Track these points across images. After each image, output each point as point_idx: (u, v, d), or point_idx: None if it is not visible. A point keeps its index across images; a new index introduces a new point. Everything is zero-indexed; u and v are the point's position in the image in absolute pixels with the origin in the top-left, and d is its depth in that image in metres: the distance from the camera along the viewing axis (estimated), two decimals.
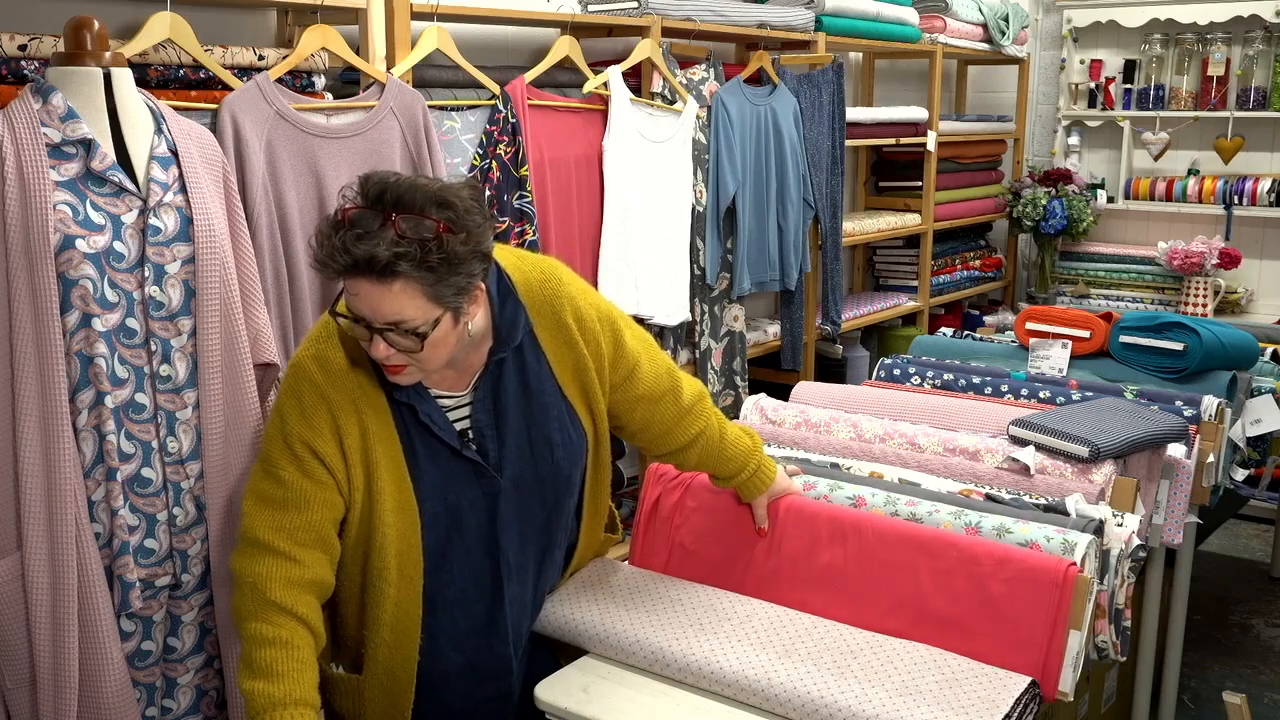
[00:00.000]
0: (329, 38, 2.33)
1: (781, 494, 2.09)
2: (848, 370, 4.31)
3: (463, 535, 1.80)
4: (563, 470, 1.87)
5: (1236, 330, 2.89)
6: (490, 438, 1.79)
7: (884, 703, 1.68)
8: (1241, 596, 3.96)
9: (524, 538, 1.87)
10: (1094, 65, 5.04)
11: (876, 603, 1.94)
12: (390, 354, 1.62)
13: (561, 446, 1.84)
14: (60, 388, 1.69)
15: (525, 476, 1.82)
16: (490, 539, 1.82)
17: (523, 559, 1.89)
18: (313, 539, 1.71)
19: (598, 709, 1.80)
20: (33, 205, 1.66)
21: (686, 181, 3.20)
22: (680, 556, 2.16)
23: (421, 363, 1.65)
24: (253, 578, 1.67)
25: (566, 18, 2.86)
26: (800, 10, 3.70)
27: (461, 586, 1.83)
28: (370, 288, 1.55)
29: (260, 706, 1.61)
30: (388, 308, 1.56)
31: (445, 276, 1.57)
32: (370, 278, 1.54)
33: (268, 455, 1.73)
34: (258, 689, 1.62)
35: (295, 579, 1.68)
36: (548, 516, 1.90)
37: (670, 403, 1.95)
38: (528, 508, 1.85)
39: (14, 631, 1.73)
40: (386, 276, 1.54)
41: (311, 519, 1.70)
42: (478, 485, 1.79)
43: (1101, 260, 5.08)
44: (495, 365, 1.78)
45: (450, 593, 1.82)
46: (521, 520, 1.85)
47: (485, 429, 1.78)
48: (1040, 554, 1.86)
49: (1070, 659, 1.79)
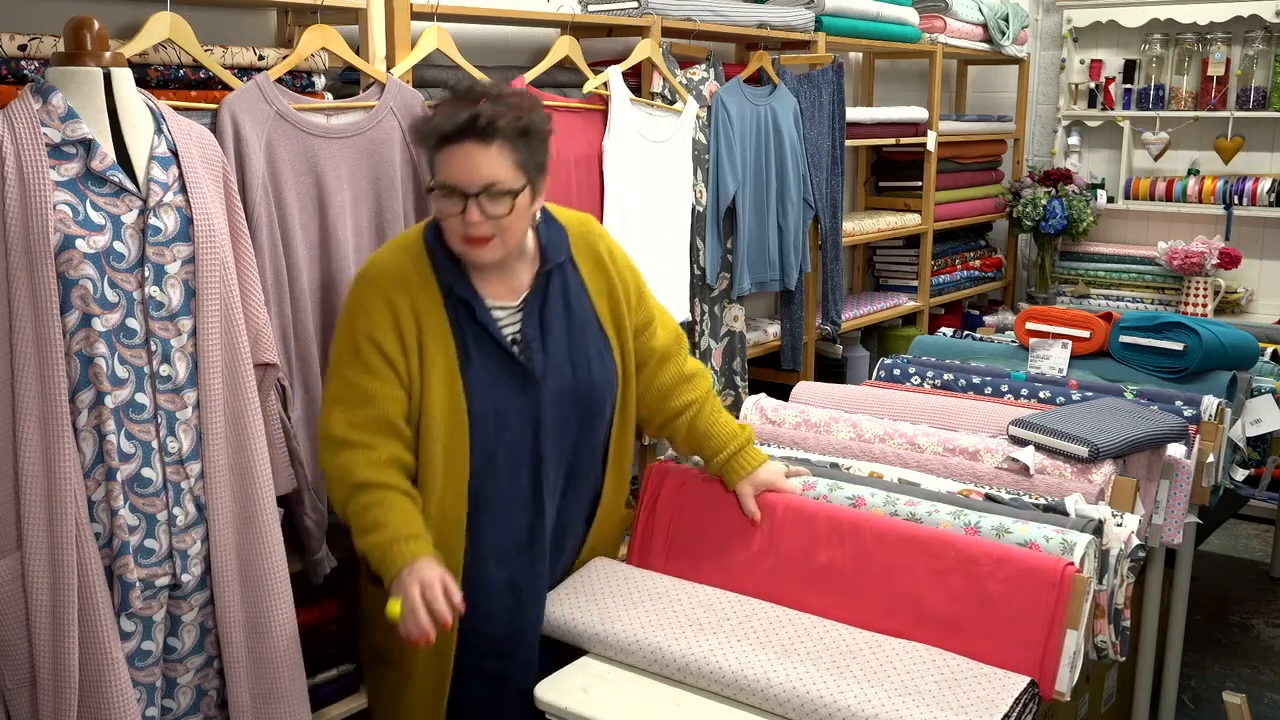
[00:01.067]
0: (329, 38, 2.33)
1: (767, 486, 2.10)
2: (848, 370, 4.31)
3: (507, 441, 1.92)
4: (598, 388, 2.01)
5: (1236, 330, 2.89)
6: (536, 349, 1.95)
7: (883, 702, 1.68)
8: (1241, 596, 3.96)
9: (559, 454, 1.99)
10: (1094, 65, 5.04)
11: (875, 602, 1.94)
12: (480, 221, 1.81)
13: (597, 363, 2.01)
14: (60, 388, 1.69)
15: (565, 389, 1.97)
16: (533, 450, 1.95)
17: (557, 478, 2.00)
18: (384, 429, 1.88)
19: (598, 709, 1.81)
20: (33, 205, 1.66)
21: (686, 181, 3.20)
22: (678, 556, 2.16)
23: (504, 233, 1.85)
24: (338, 470, 1.88)
25: (566, 18, 2.86)
26: (800, 10, 3.70)
27: (504, 494, 1.95)
28: (471, 149, 1.80)
29: (377, 556, 1.81)
30: (485, 168, 1.80)
31: (530, 145, 1.85)
32: (473, 138, 1.79)
33: (337, 359, 1.93)
34: (369, 541, 1.83)
35: (375, 461, 1.86)
36: (579, 437, 2.02)
37: (676, 366, 2.14)
38: (566, 422, 1.98)
39: (14, 631, 1.73)
40: (487, 137, 1.80)
41: (379, 412, 1.88)
42: (523, 394, 1.93)
43: (1101, 260, 5.08)
44: (543, 280, 1.97)
45: (493, 498, 1.94)
46: (559, 435, 1.98)
47: (532, 340, 1.95)
48: (1038, 554, 1.86)
49: (1067, 658, 1.79)
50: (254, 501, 1.88)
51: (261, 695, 1.93)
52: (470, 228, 1.83)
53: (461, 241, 1.87)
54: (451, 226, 1.86)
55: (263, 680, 1.92)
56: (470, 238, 1.85)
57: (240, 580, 1.89)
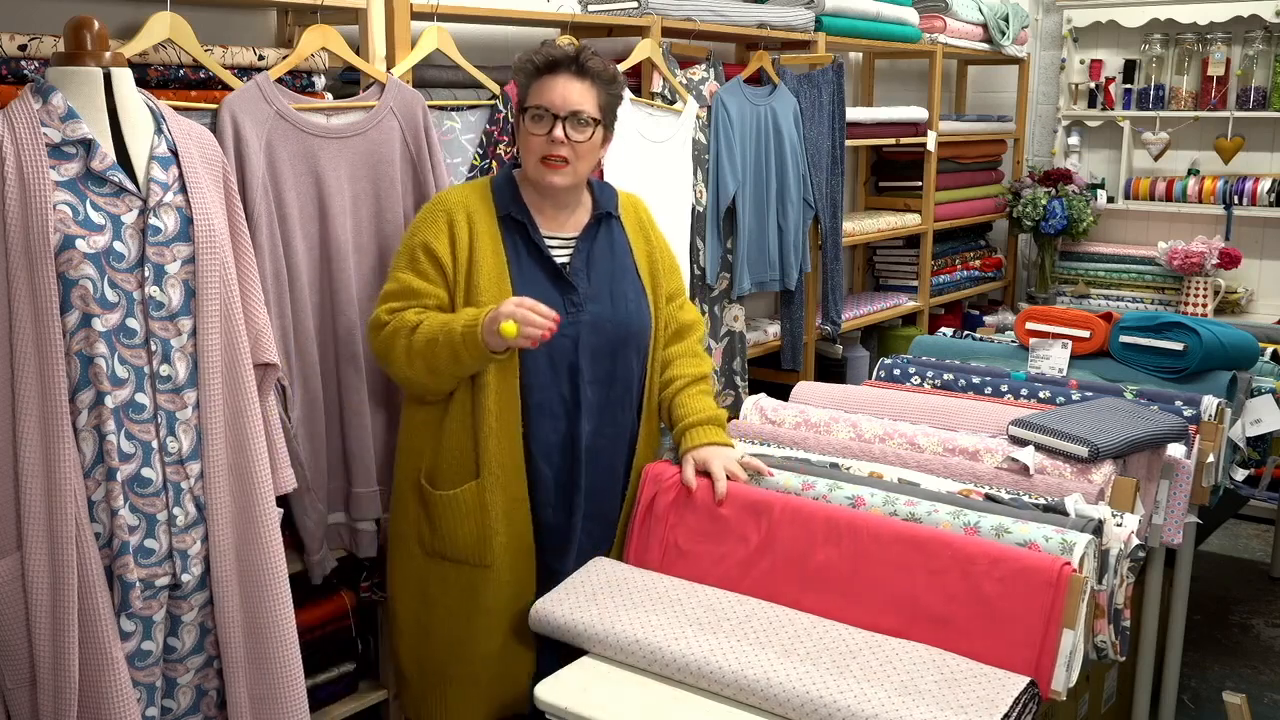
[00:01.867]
0: (329, 38, 2.33)
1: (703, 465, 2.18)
2: (848, 370, 4.31)
3: (550, 346, 2.09)
4: (631, 322, 2.23)
5: (1236, 330, 2.89)
6: (581, 276, 2.20)
7: (883, 702, 1.68)
8: (1241, 596, 3.96)
9: (595, 375, 2.20)
10: (1094, 65, 5.04)
11: (871, 602, 1.94)
12: (563, 142, 2.09)
13: (634, 304, 2.25)
14: (60, 388, 1.69)
15: (603, 316, 2.20)
16: (573, 362, 2.17)
17: (594, 397, 2.21)
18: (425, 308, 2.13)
19: (598, 709, 1.81)
20: (33, 205, 1.66)
21: (686, 181, 3.20)
22: (674, 556, 2.16)
23: (578, 161, 2.13)
24: (383, 343, 2.12)
25: (566, 18, 2.86)
26: (800, 10, 3.71)
27: (548, 394, 2.17)
28: (568, 79, 2.11)
29: (459, 338, 2.01)
30: (576, 96, 2.11)
31: (611, 94, 2.18)
32: (571, 71, 2.12)
33: (395, 265, 2.19)
34: (441, 340, 2.04)
35: (413, 312, 2.11)
36: (613, 367, 2.23)
37: (688, 343, 2.38)
38: (600, 349, 2.20)
39: (14, 631, 1.73)
40: (584, 73, 2.12)
41: (419, 304, 2.13)
42: (566, 313, 2.14)
43: (1101, 260, 5.08)
44: (596, 220, 2.25)
45: (540, 395, 2.16)
46: (594, 358, 2.20)
47: (579, 269, 2.21)
48: (1034, 553, 1.86)
49: (1064, 658, 1.79)
50: (254, 501, 1.88)
51: (261, 695, 1.93)
52: (553, 146, 2.10)
53: (539, 162, 2.12)
54: (534, 145, 2.12)
55: (262, 680, 1.92)
56: (550, 156, 2.11)
57: (240, 580, 1.89)
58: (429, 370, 2.08)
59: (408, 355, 2.08)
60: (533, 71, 2.13)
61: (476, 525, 2.17)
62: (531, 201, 2.20)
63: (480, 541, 2.18)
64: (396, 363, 2.11)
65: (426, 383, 2.12)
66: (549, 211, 2.21)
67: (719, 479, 2.14)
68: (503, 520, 2.18)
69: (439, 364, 2.06)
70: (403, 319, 2.10)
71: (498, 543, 2.18)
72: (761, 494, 2.12)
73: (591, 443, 2.22)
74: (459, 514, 2.17)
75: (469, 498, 2.16)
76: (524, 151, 2.15)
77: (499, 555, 2.19)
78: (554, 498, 2.22)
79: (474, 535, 2.18)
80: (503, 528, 2.18)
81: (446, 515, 2.18)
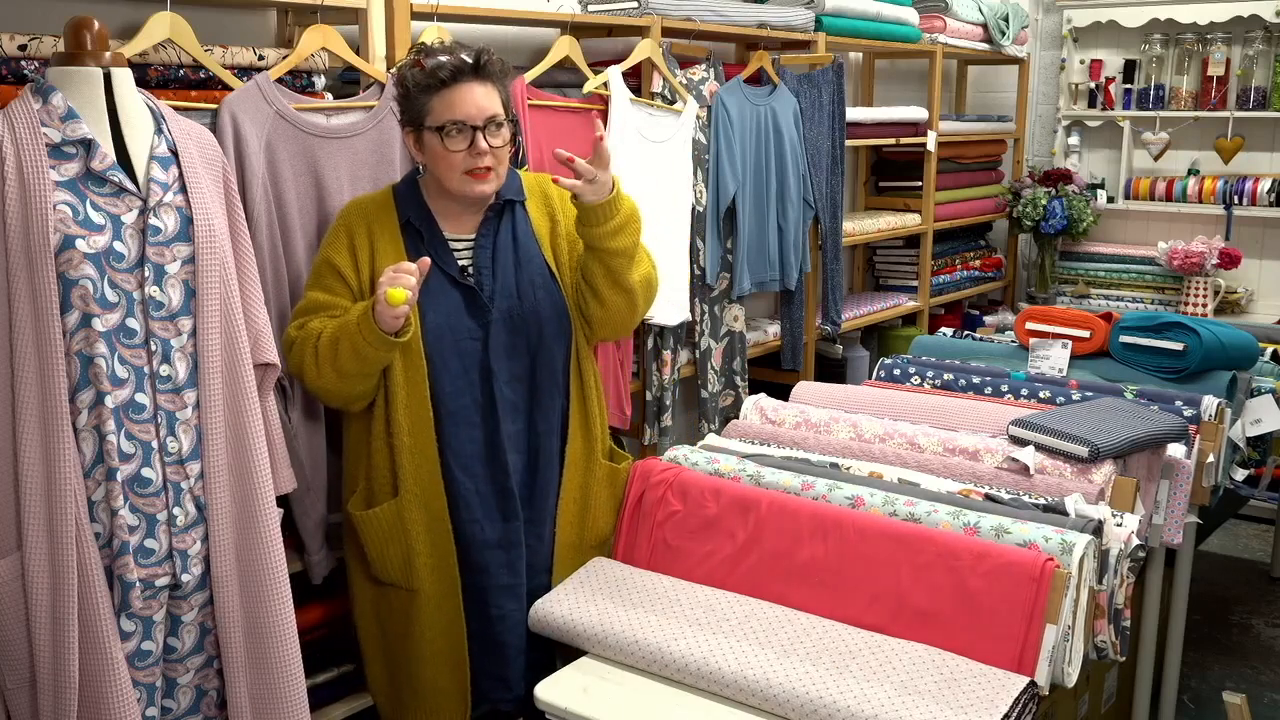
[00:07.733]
0: (329, 38, 2.33)
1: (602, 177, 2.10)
2: (848, 370, 4.31)
3: (459, 351, 2.11)
4: (543, 310, 2.16)
5: (1236, 330, 2.89)
6: (486, 274, 2.14)
7: (883, 702, 1.68)
8: (1241, 596, 3.96)
9: (513, 374, 2.16)
10: (1094, 65, 5.04)
11: (857, 597, 1.94)
12: (487, 151, 2.04)
13: (543, 293, 2.17)
14: (60, 388, 1.69)
15: (513, 312, 2.15)
16: (483, 364, 2.13)
17: (514, 397, 2.16)
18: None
19: (598, 709, 1.81)
20: (33, 205, 1.66)
21: (686, 181, 3.20)
22: (663, 552, 2.16)
23: (499, 165, 2.08)
24: (296, 355, 2.08)
25: (566, 18, 2.86)
26: (800, 10, 3.70)
27: (461, 401, 2.12)
28: (471, 86, 2.03)
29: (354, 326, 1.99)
30: (485, 102, 2.04)
31: (506, 86, 2.10)
32: (472, 76, 2.04)
33: (306, 285, 2.17)
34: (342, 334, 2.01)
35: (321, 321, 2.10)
36: (533, 362, 2.18)
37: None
38: (516, 345, 2.16)
39: (14, 631, 1.73)
40: (482, 74, 2.05)
41: (329, 314, 2.09)
42: (472, 312, 2.12)
43: (1101, 260, 5.08)
44: (495, 213, 2.17)
45: (452, 404, 2.12)
46: (510, 356, 2.15)
47: (483, 267, 2.15)
48: (1018, 549, 1.87)
49: (1046, 653, 1.79)
50: (254, 501, 1.88)
51: (261, 695, 1.93)
52: (480, 158, 2.04)
53: (465, 178, 2.06)
54: (456, 161, 2.05)
55: (262, 680, 1.92)
56: (477, 170, 2.05)
57: (240, 580, 1.89)
58: (337, 373, 2.04)
59: (316, 362, 2.05)
60: (436, 85, 2.03)
61: (401, 546, 2.13)
62: (436, 206, 2.16)
63: (405, 563, 2.14)
64: (309, 373, 2.08)
65: (339, 389, 2.08)
66: (454, 212, 2.16)
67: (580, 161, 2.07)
68: (424, 539, 2.13)
69: (343, 363, 2.02)
70: (308, 329, 2.08)
71: (420, 563, 2.13)
72: (750, 491, 2.12)
73: (527, 443, 2.18)
74: (381, 535, 2.13)
75: (388, 516, 2.12)
76: (443, 169, 2.07)
77: (424, 577, 2.14)
78: (479, 512, 2.15)
79: (400, 557, 2.14)
80: (424, 548, 2.13)
81: (372, 537, 2.14)
